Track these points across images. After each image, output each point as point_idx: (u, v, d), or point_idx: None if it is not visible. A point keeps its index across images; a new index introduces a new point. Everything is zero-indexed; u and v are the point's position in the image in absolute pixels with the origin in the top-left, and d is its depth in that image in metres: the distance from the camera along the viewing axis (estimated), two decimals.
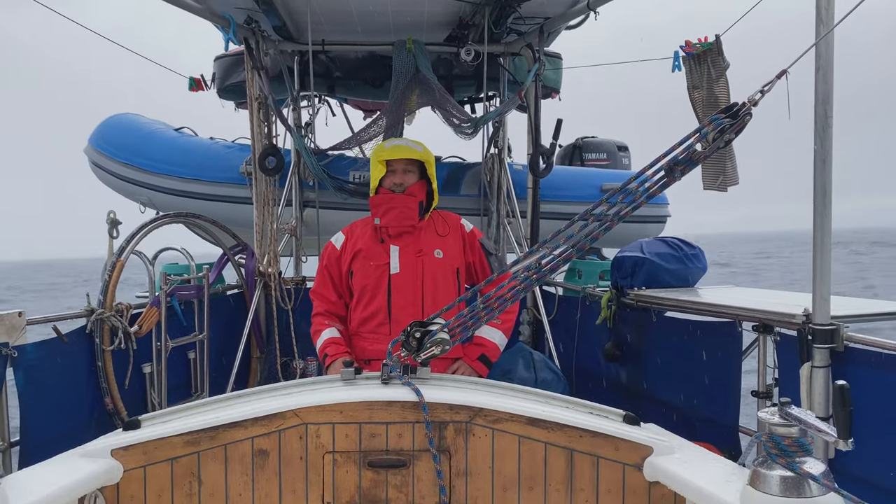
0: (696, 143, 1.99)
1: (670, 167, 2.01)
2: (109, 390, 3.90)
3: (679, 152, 2.02)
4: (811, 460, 1.55)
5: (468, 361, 3.27)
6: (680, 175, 2.02)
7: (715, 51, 3.67)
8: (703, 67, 3.75)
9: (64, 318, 3.80)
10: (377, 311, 3.24)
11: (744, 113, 1.94)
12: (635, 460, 2.00)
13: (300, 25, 5.39)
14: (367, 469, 2.07)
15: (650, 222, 7.15)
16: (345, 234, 3.42)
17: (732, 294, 4.13)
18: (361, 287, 3.28)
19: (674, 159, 2.01)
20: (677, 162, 2.00)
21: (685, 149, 2.00)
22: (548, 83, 6.38)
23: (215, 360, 4.91)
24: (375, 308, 3.25)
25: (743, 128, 1.96)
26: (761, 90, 2.01)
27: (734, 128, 1.95)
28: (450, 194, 6.39)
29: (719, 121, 1.97)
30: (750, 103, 1.96)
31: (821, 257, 2.74)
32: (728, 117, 1.95)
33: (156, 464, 2.02)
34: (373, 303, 3.25)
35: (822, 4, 2.61)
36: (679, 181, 2.03)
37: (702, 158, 1.98)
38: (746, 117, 1.94)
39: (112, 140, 7.04)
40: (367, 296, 3.26)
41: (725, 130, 1.94)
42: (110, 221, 4.05)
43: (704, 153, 1.98)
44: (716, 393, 3.72)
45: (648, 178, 2.05)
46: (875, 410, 2.66)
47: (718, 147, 1.97)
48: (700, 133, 1.99)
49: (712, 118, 1.98)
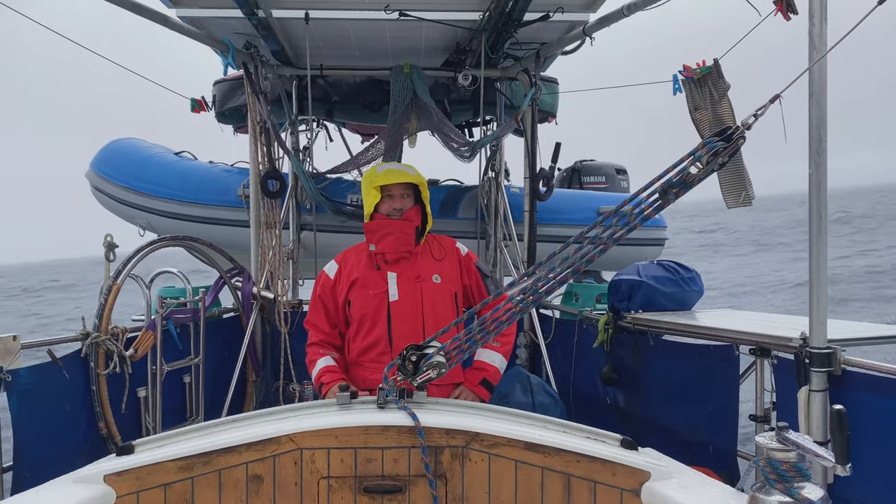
0: (689, 165, 2.01)
1: (664, 190, 2.02)
2: (104, 415, 3.87)
3: (673, 175, 2.03)
4: (810, 485, 1.54)
5: (470, 387, 3.24)
6: (674, 198, 2.03)
7: (715, 74, 3.68)
8: (704, 90, 3.75)
9: (59, 341, 3.78)
10: (378, 340, 3.20)
11: (737, 136, 1.96)
12: (633, 485, 1.99)
13: (299, 50, 5.44)
14: (363, 495, 2.05)
15: (648, 245, 7.16)
16: (338, 263, 3.37)
17: (729, 317, 4.13)
18: (360, 316, 3.23)
19: (668, 182, 2.02)
20: (671, 185, 2.02)
21: (679, 171, 2.01)
22: (544, 107, 6.43)
23: (211, 384, 4.88)
24: (376, 337, 3.20)
25: (737, 151, 1.98)
26: (754, 114, 2.04)
27: (727, 151, 1.96)
28: (447, 217, 6.41)
29: (713, 144, 1.98)
30: (743, 127, 1.98)
31: (817, 281, 2.74)
32: (721, 140, 1.97)
33: (149, 489, 2.00)
34: (373, 332, 3.21)
35: (815, 32, 2.64)
36: (672, 204, 2.04)
37: (695, 181, 2.00)
38: (740, 140, 1.96)
39: (113, 164, 7.08)
40: (367, 325, 3.22)
41: (719, 153, 1.96)
42: (107, 245, 4.06)
43: (699, 176, 1.99)
44: (713, 417, 3.70)
45: (643, 201, 2.06)
46: (874, 434, 2.65)
47: (713, 170, 1.99)
48: (694, 156, 2.00)
49: (706, 141, 2.00)
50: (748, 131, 1.97)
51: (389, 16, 4.43)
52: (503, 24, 4.66)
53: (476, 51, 5.31)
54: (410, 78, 5.38)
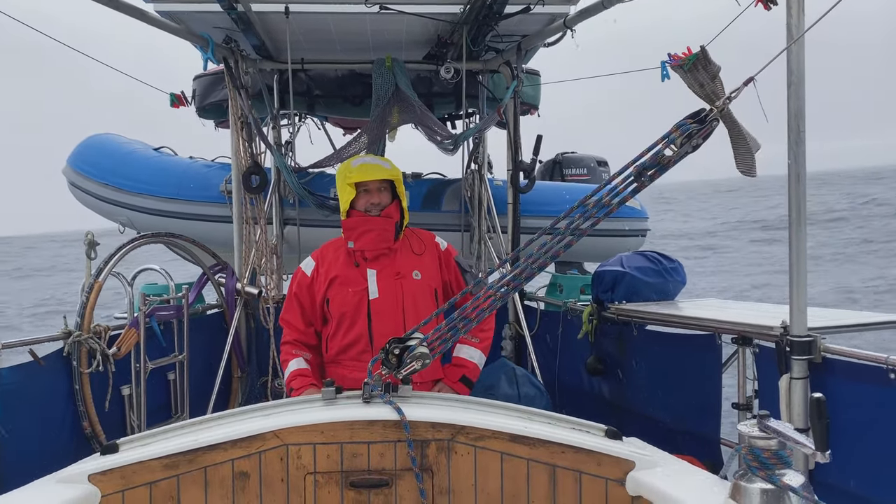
0: (664, 148, 2.02)
1: (639, 173, 2.04)
2: (87, 414, 3.84)
3: (648, 158, 2.04)
4: (791, 472, 1.57)
5: (449, 384, 3.23)
6: (649, 181, 2.04)
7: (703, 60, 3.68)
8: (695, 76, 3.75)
9: (40, 341, 3.74)
10: (358, 339, 3.16)
11: (711, 118, 1.98)
12: (618, 475, 2.01)
13: (279, 44, 5.40)
14: (350, 489, 2.05)
15: (630, 236, 7.20)
16: (315, 260, 3.31)
17: (712, 307, 4.17)
18: (340, 314, 3.18)
19: (642, 165, 2.03)
20: (646, 167, 2.03)
21: (653, 154, 2.03)
22: (526, 100, 6.43)
23: (196, 381, 4.85)
24: (356, 335, 3.16)
25: (710, 133, 1.99)
26: (728, 96, 2.06)
27: (701, 133, 1.98)
28: (430, 210, 6.40)
29: (686, 126, 2.00)
30: (717, 109, 2.00)
31: (797, 270, 2.77)
32: (695, 122, 1.98)
33: (134, 488, 1.99)
34: (353, 330, 3.17)
35: (793, 22, 2.66)
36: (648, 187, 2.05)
37: (670, 163, 2.01)
38: (714, 122, 1.97)
39: (90, 160, 6.98)
40: (347, 323, 3.18)
41: (693, 135, 1.97)
42: (88, 242, 4.01)
43: (673, 158, 2.01)
44: (697, 405, 3.74)
45: (618, 185, 2.08)
46: (853, 421, 2.69)
47: (686, 152, 2.00)
48: (668, 139, 2.01)
49: (678, 123, 2.01)
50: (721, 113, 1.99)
51: (370, 9, 4.41)
52: (484, 16, 4.65)
53: (458, 44, 5.30)
54: (392, 71, 5.36)
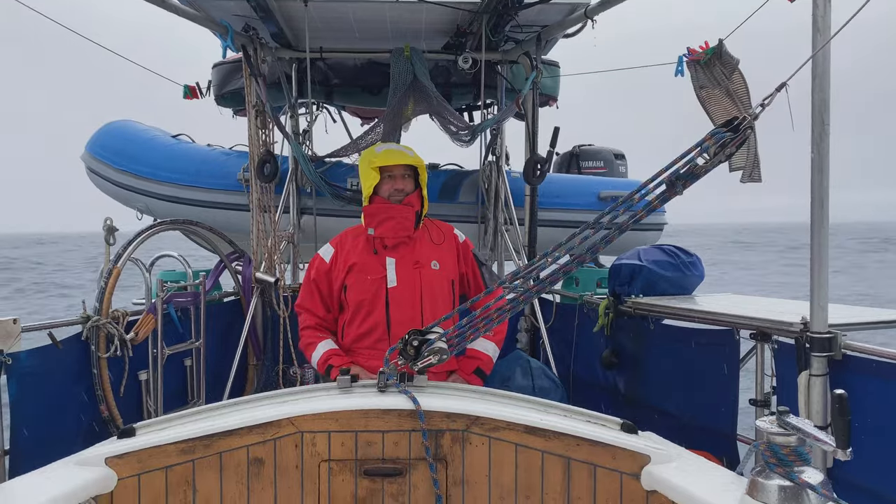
0: (697, 157, 1.99)
1: (671, 181, 2.01)
2: (105, 398, 3.87)
3: (680, 166, 2.01)
4: (809, 470, 1.54)
5: (463, 375, 3.23)
6: (681, 189, 2.01)
7: (720, 54, 3.63)
8: (713, 71, 3.70)
9: (59, 325, 3.78)
10: (375, 327, 3.16)
11: (745, 127, 1.94)
12: (633, 469, 1.99)
13: (298, 33, 5.40)
14: (363, 478, 2.05)
15: (647, 230, 7.15)
16: (334, 247, 3.31)
17: (730, 302, 4.13)
18: (357, 302, 3.18)
19: (675, 173, 2.00)
20: (679, 176, 2.00)
21: (686, 162, 2.00)
22: (545, 91, 6.40)
23: (212, 368, 4.88)
24: (373, 323, 3.16)
25: (744, 142, 1.96)
26: (761, 104, 2.02)
27: (735, 142, 1.94)
28: (447, 201, 6.39)
29: (720, 135, 1.97)
30: (751, 117, 1.96)
31: (818, 265, 2.73)
32: (729, 131, 1.95)
33: (150, 472, 2.00)
34: (370, 318, 3.17)
35: (819, 14, 2.61)
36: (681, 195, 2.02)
37: (703, 172, 1.98)
38: (748, 131, 1.94)
39: (109, 147, 7.03)
40: (364, 311, 3.17)
41: (726, 145, 1.94)
42: (107, 228, 4.04)
43: (706, 167, 1.98)
44: (713, 401, 3.71)
45: (650, 192, 2.05)
46: (873, 419, 2.66)
47: (720, 161, 1.97)
48: (701, 147, 1.98)
49: (713, 131, 1.98)
50: (756, 121, 1.95)
51: None
52: (504, 6, 4.63)
53: (477, 34, 5.27)
54: (410, 61, 5.34)
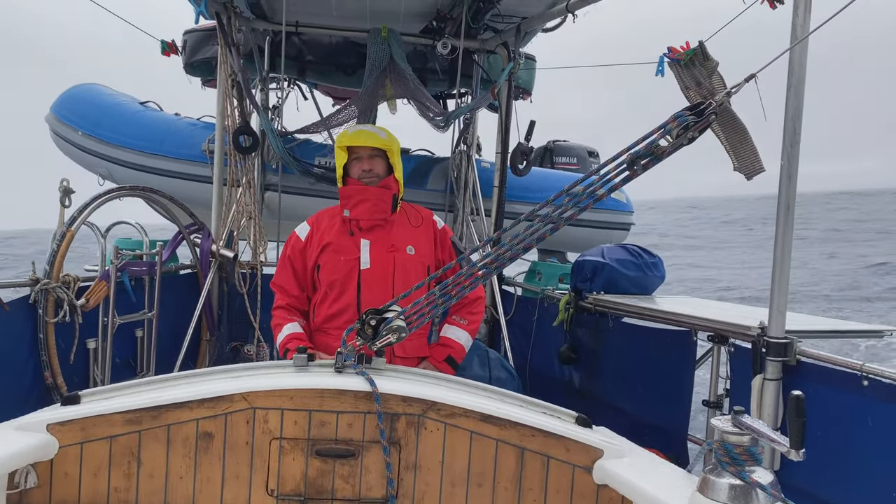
0: (659, 138, 1.98)
1: (632, 161, 2.00)
2: (50, 364, 3.75)
3: (642, 147, 2.00)
4: (760, 470, 1.55)
5: (434, 363, 3.20)
6: (641, 170, 2.00)
7: (700, 55, 3.64)
8: (692, 72, 3.71)
9: (7, 286, 3.65)
10: (346, 308, 3.12)
11: (709, 112, 1.94)
12: (585, 462, 1.99)
13: (274, 4, 5.29)
14: (315, 458, 2.01)
15: (614, 229, 7.21)
16: (311, 225, 3.27)
17: (689, 304, 4.18)
18: (329, 282, 3.15)
19: (636, 153, 1.99)
20: (640, 156, 1.99)
21: (648, 144, 1.99)
22: (521, 84, 6.38)
23: (163, 341, 4.78)
24: (344, 304, 3.12)
25: (707, 127, 1.96)
26: (728, 92, 2.03)
27: (698, 126, 1.94)
28: (416, 187, 6.35)
29: (683, 118, 1.96)
30: (716, 104, 1.96)
31: (780, 271, 2.77)
32: (693, 115, 1.95)
33: (93, 441, 1.94)
34: (341, 299, 3.13)
35: (798, 22, 2.63)
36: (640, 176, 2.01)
37: (665, 154, 1.97)
38: (711, 116, 1.94)
39: (75, 110, 6.86)
40: (336, 291, 3.14)
41: (689, 128, 1.94)
42: (63, 189, 3.91)
43: (668, 149, 1.97)
44: (667, 400, 3.75)
45: (610, 171, 2.04)
46: (822, 425, 2.71)
47: (682, 144, 1.97)
48: (664, 129, 1.98)
49: (676, 114, 1.97)
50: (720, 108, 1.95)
51: None
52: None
53: (457, 19, 5.23)
54: (388, 42, 5.27)
